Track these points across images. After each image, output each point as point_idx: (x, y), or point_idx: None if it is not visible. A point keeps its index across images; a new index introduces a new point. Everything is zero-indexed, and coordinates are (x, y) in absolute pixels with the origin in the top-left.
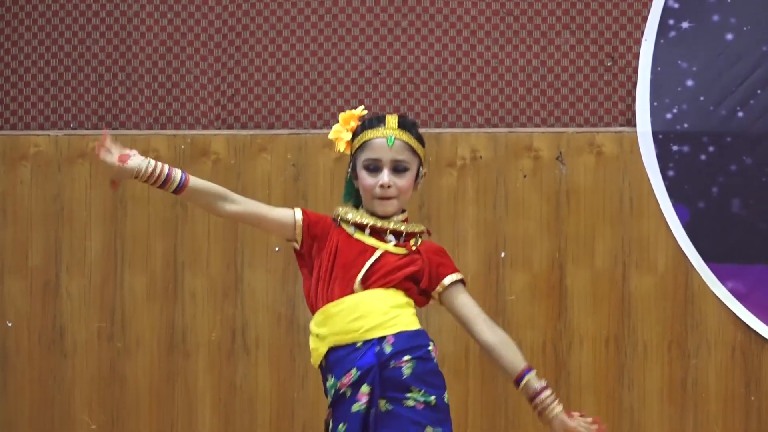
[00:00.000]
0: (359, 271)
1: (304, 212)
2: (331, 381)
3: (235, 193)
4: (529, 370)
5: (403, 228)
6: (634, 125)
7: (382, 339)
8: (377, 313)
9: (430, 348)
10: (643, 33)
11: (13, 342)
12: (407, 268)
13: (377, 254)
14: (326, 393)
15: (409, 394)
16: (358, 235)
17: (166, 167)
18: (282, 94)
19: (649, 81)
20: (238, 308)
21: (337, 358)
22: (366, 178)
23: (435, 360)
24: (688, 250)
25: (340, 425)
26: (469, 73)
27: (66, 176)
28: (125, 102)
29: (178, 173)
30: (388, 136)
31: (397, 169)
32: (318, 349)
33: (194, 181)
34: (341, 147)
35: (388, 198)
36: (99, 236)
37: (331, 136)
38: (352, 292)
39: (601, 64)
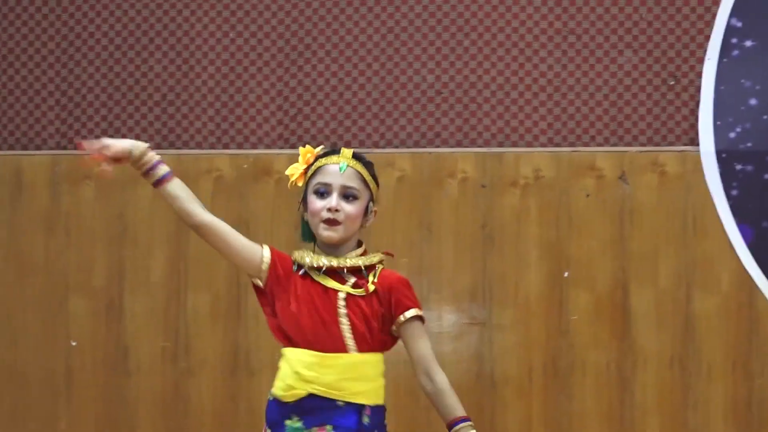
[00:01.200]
0: (333, 319)
1: (271, 251)
2: (297, 424)
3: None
4: (465, 419)
5: (360, 262)
6: (698, 144)
7: (362, 407)
8: (367, 379)
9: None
10: (705, 52)
11: (77, 361)
12: (375, 321)
13: (341, 301)
14: (273, 423)
15: None
16: (317, 278)
17: (156, 158)
18: (344, 114)
19: (712, 100)
20: None
21: (315, 406)
22: (315, 202)
23: None
24: (752, 269)
25: None
26: (532, 92)
27: (129, 196)
28: (188, 122)
29: (164, 168)
30: (340, 162)
31: (347, 195)
32: (296, 389)
33: (176, 181)
34: (298, 179)
35: (335, 223)
36: (162, 256)
37: (288, 172)
38: (337, 347)
39: (664, 83)
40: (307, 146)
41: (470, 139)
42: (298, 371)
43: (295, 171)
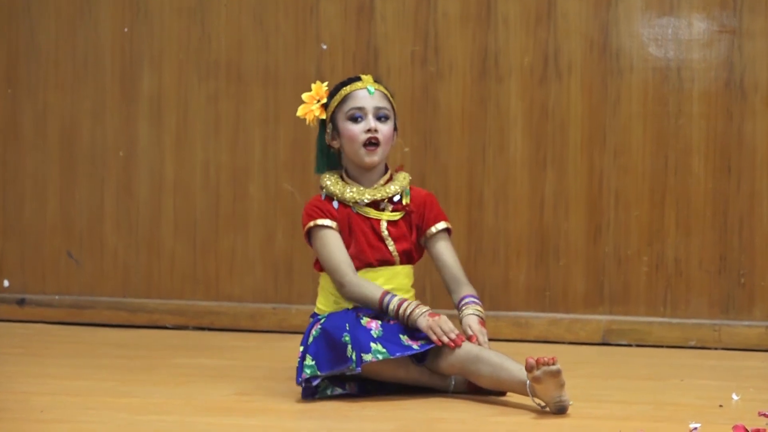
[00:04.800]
0: (378, 244)
1: (330, 222)
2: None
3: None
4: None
5: (396, 189)
6: None
7: None
8: (404, 290)
9: None
10: None
11: (327, 65)
12: (412, 234)
13: (384, 229)
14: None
15: None
16: (359, 210)
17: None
18: None
19: None
20: (550, 33)
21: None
22: (351, 128)
23: None
24: None
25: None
26: None
27: None
28: None
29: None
30: (367, 86)
31: (380, 116)
32: (342, 304)
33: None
34: (317, 113)
35: (375, 144)
36: None
37: (299, 113)
38: (380, 263)
39: None
40: (317, 82)
41: None
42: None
43: (306, 110)
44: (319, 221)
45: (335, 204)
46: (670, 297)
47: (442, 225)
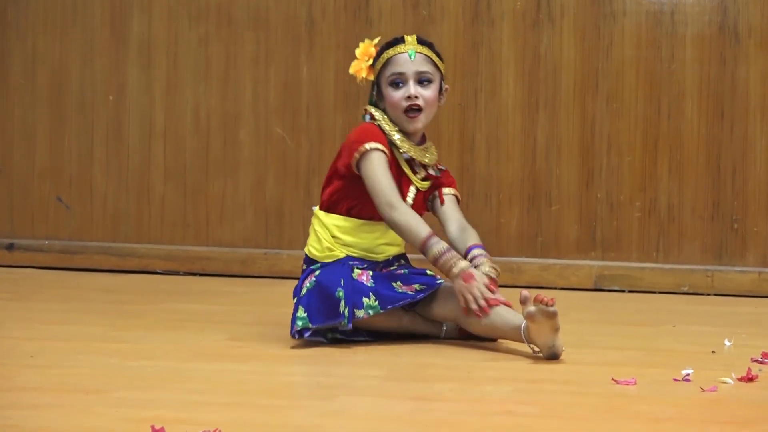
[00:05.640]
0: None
1: (382, 146)
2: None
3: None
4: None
5: (432, 159)
6: None
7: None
8: (398, 244)
9: None
10: None
11: (318, 7)
12: (424, 208)
13: (411, 193)
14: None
15: None
16: (402, 163)
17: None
18: None
19: None
20: None
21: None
22: (392, 94)
23: None
24: None
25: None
26: None
27: None
28: None
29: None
30: (409, 50)
31: (421, 81)
32: (334, 251)
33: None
34: (364, 74)
35: (417, 110)
36: None
37: (351, 71)
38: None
39: None
40: (366, 40)
41: None
42: (335, 235)
43: (358, 67)
44: (373, 144)
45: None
46: (662, 243)
47: (453, 190)
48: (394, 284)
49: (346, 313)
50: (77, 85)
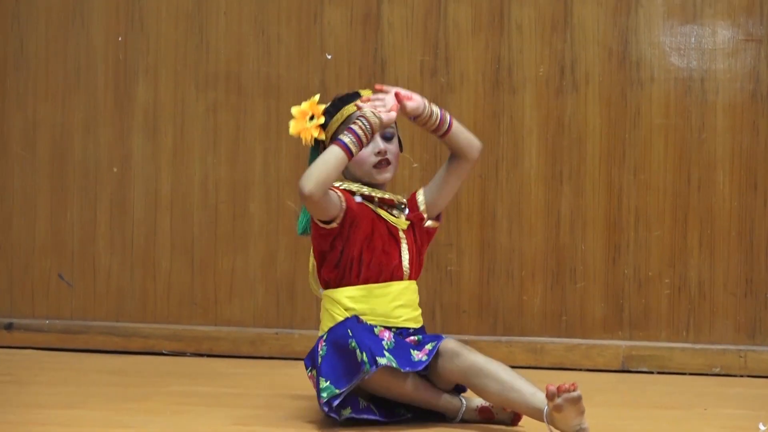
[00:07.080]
0: (396, 254)
1: (339, 190)
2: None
3: None
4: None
5: (400, 197)
6: None
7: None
8: (413, 306)
9: None
10: None
11: (332, 75)
12: (423, 246)
13: (403, 239)
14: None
15: None
16: (381, 213)
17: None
18: None
19: None
20: (567, 42)
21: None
22: (359, 152)
23: None
24: None
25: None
26: None
27: None
28: None
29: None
30: None
31: (386, 136)
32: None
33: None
34: (315, 134)
35: (386, 164)
36: None
37: (293, 131)
38: (391, 277)
39: None
40: (303, 103)
41: None
42: (346, 306)
43: (300, 128)
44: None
45: (358, 198)
46: (693, 321)
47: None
48: (412, 351)
49: (365, 358)
50: (80, 154)
